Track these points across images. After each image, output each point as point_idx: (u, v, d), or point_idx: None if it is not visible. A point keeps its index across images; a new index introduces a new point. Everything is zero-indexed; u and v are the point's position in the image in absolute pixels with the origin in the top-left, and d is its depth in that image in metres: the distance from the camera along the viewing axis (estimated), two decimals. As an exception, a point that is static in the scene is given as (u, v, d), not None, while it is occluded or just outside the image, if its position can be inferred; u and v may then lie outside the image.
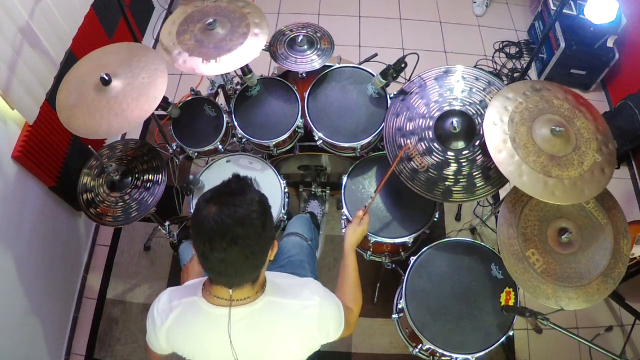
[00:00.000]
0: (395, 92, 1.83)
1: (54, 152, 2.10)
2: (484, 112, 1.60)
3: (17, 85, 1.74)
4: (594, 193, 1.44)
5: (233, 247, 0.90)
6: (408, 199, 1.85)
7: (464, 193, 1.60)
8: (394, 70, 1.79)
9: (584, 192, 1.43)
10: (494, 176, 1.59)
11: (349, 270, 1.39)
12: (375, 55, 2.37)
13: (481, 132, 1.56)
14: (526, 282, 1.48)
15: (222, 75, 2.11)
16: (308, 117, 1.90)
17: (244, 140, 1.96)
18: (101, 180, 1.85)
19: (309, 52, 1.96)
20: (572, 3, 2.91)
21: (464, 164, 1.62)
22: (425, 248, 1.72)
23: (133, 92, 1.58)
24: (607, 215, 1.57)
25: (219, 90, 2.21)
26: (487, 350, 1.55)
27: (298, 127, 1.94)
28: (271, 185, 1.91)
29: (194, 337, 1.08)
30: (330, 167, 2.27)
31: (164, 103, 1.83)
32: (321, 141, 1.90)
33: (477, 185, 1.60)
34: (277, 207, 1.86)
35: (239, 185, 0.97)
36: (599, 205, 1.58)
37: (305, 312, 1.09)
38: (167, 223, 2.12)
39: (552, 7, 3.00)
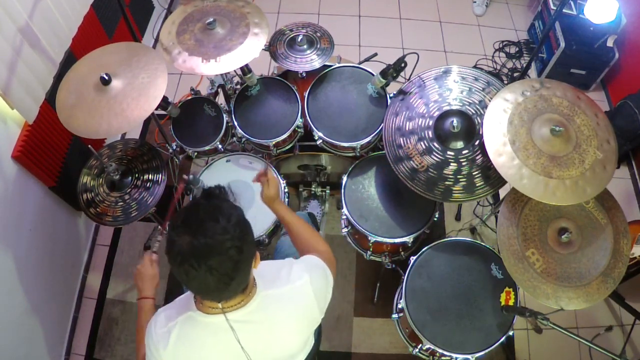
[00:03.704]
0: (395, 92, 1.83)
1: (54, 152, 2.10)
2: (484, 112, 1.60)
3: (17, 85, 1.74)
4: (595, 191, 1.44)
5: (209, 276, 0.89)
6: (408, 199, 1.85)
7: (464, 193, 1.60)
8: (393, 70, 1.79)
9: (585, 191, 1.43)
10: (493, 176, 1.59)
11: (293, 223, 1.37)
12: (375, 55, 2.38)
13: (481, 132, 1.56)
14: (526, 282, 1.48)
15: (222, 74, 2.12)
16: (308, 117, 1.90)
17: (243, 140, 1.96)
18: (101, 180, 1.86)
19: (308, 51, 1.96)
20: (572, 3, 2.91)
21: (463, 163, 1.62)
22: (425, 248, 1.72)
23: (133, 92, 1.58)
24: (607, 215, 1.57)
25: (219, 89, 2.21)
26: (487, 350, 1.55)
27: (298, 126, 1.94)
28: (271, 185, 1.91)
29: (201, 350, 1.07)
30: (330, 166, 2.27)
31: (164, 103, 1.84)
32: (321, 141, 1.90)
33: (477, 185, 1.60)
34: (277, 207, 1.86)
35: (209, 209, 0.93)
36: (599, 205, 1.58)
37: (301, 292, 1.11)
38: (167, 223, 2.12)
39: (552, 6, 3.00)
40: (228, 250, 0.90)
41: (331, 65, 2.01)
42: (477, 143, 1.64)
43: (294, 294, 1.11)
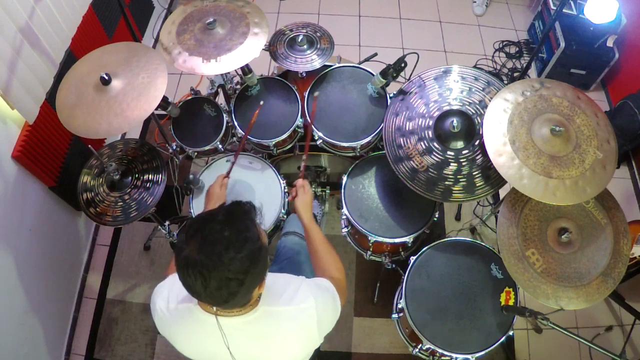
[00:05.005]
0: (395, 92, 1.83)
1: (54, 152, 2.10)
2: (484, 112, 1.60)
3: (17, 85, 1.74)
4: (595, 191, 1.44)
5: (203, 292, 0.89)
6: (408, 199, 1.85)
7: (464, 193, 1.60)
8: (393, 70, 1.79)
9: (585, 191, 1.43)
10: (493, 176, 1.59)
11: (317, 242, 1.37)
12: (375, 54, 2.37)
13: (481, 132, 1.56)
14: (526, 282, 1.48)
15: (222, 74, 2.11)
16: (308, 117, 1.90)
17: (243, 140, 1.96)
18: (101, 179, 1.86)
19: (308, 51, 1.96)
20: (572, 3, 2.91)
21: (463, 163, 1.62)
22: (425, 248, 1.72)
23: (133, 92, 1.58)
24: (607, 215, 1.57)
25: (219, 89, 2.21)
26: (487, 350, 1.55)
27: (298, 126, 1.94)
28: (271, 185, 1.91)
29: (193, 342, 1.09)
30: (330, 167, 2.27)
31: (164, 103, 1.83)
32: (321, 141, 1.90)
33: (477, 185, 1.60)
34: (277, 207, 1.86)
35: (224, 233, 0.89)
36: (599, 205, 1.58)
37: (304, 315, 1.09)
38: (167, 223, 2.12)
39: (552, 6, 3.00)
40: (228, 281, 0.88)
41: (331, 65, 2.01)
42: (477, 143, 1.64)
43: (296, 315, 1.08)
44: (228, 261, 0.87)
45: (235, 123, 1.93)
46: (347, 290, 1.34)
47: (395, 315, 1.76)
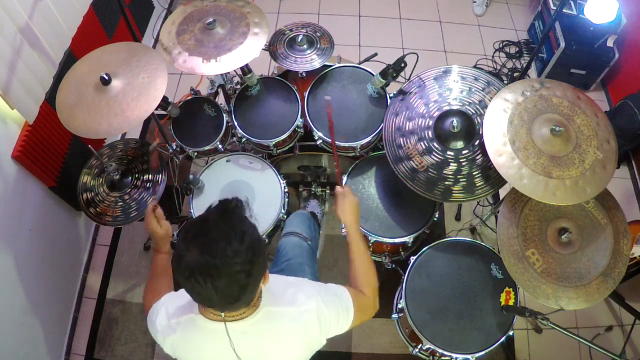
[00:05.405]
0: (394, 92, 1.83)
1: (54, 152, 2.10)
2: (484, 112, 1.60)
3: (17, 85, 1.74)
4: (595, 191, 1.44)
5: (214, 294, 0.89)
6: (408, 199, 1.85)
7: (464, 193, 1.60)
8: (393, 70, 1.79)
9: (585, 191, 1.43)
10: (493, 176, 1.59)
11: (354, 251, 1.34)
12: (375, 54, 2.37)
13: (480, 132, 1.56)
14: (526, 282, 1.48)
15: (222, 74, 2.11)
16: (308, 117, 1.90)
17: (243, 140, 1.96)
18: (101, 179, 1.86)
19: (308, 51, 1.96)
20: (572, 3, 2.91)
21: (463, 163, 1.62)
22: (425, 248, 1.72)
23: (133, 92, 1.58)
24: (607, 215, 1.57)
25: (219, 89, 2.21)
26: (487, 350, 1.55)
27: (298, 126, 1.94)
28: (271, 185, 1.91)
29: (199, 354, 1.08)
30: (330, 167, 2.27)
31: (164, 103, 1.83)
32: (321, 141, 1.90)
33: (477, 185, 1.60)
34: (277, 207, 1.86)
35: (222, 228, 0.91)
36: (599, 205, 1.58)
37: (305, 317, 1.09)
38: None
39: (552, 6, 3.00)
40: (237, 274, 0.88)
41: (331, 65, 2.01)
42: (477, 143, 1.64)
43: (297, 316, 1.09)
44: (232, 254, 0.88)
45: (235, 123, 1.93)
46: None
47: (395, 315, 1.76)
